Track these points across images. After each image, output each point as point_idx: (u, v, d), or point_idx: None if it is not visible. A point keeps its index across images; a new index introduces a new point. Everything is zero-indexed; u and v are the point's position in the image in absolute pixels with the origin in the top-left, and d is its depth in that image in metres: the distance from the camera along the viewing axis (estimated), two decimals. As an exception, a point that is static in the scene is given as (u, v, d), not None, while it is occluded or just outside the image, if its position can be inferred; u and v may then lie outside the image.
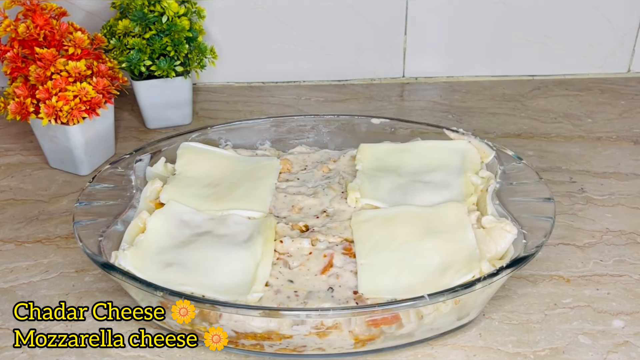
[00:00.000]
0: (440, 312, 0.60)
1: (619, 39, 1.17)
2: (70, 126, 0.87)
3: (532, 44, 1.17)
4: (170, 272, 0.65)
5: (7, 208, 0.87)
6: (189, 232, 0.72)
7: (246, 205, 0.76)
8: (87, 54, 0.89)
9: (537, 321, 0.67)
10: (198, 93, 1.17)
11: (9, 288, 0.73)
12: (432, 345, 0.64)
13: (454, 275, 0.63)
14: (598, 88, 1.16)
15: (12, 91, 0.87)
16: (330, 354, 0.62)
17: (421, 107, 1.11)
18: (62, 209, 0.86)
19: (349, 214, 0.75)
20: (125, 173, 0.78)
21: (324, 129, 0.90)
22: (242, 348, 0.63)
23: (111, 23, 1.00)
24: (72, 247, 0.79)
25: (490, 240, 0.67)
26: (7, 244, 0.80)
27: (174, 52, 0.98)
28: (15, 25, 0.86)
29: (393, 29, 1.16)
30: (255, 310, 0.58)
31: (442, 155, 0.83)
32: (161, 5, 0.97)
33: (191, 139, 0.86)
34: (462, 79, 1.20)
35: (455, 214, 0.72)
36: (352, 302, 0.62)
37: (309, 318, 0.58)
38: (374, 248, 0.68)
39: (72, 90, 0.85)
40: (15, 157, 0.99)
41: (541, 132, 1.02)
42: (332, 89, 1.18)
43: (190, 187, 0.79)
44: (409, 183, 0.79)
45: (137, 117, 1.08)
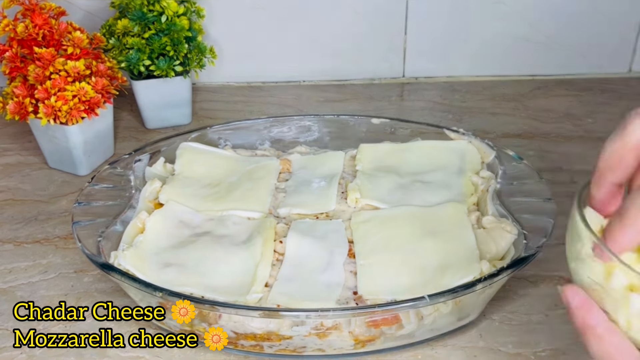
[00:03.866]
0: (440, 312, 0.60)
1: (620, 39, 1.17)
2: (69, 126, 0.87)
3: (532, 44, 1.17)
4: (169, 272, 0.65)
5: (5, 208, 0.86)
6: (188, 232, 0.72)
7: (245, 205, 0.76)
8: (86, 54, 0.89)
9: (537, 322, 0.67)
10: (197, 93, 1.17)
11: (8, 288, 0.72)
12: (432, 346, 0.64)
13: (454, 275, 0.63)
14: (598, 88, 1.16)
15: (10, 91, 0.87)
16: (330, 354, 0.62)
17: (421, 107, 1.11)
18: (61, 209, 0.86)
19: (348, 214, 0.75)
20: (124, 173, 0.78)
21: (324, 129, 0.90)
22: (242, 349, 0.62)
23: (110, 23, 1.00)
24: (71, 247, 0.78)
25: (491, 241, 0.67)
26: (5, 245, 0.79)
27: (173, 52, 0.98)
28: (14, 25, 0.86)
29: (393, 29, 1.16)
30: (254, 311, 0.58)
31: (442, 155, 0.83)
32: (160, 5, 0.97)
33: (190, 139, 0.86)
34: (462, 79, 1.20)
35: (456, 214, 0.72)
36: (352, 303, 0.62)
37: (308, 319, 0.58)
38: (373, 248, 0.68)
39: (71, 90, 0.85)
40: (13, 157, 0.98)
41: (541, 132, 1.02)
42: (332, 89, 1.18)
43: (189, 188, 0.79)
44: (409, 183, 0.79)
45: (136, 117, 1.08)
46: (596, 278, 0.40)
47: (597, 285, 0.40)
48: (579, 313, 0.40)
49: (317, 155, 0.86)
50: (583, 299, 0.41)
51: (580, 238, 0.41)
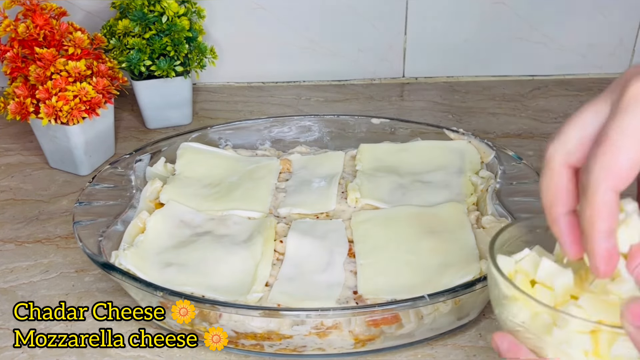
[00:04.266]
0: (440, 312, 0.60)
1: (619, 39, 1.17)
2: (70, 126, 0.87)
3: (532, 44, 1.17)
4: (170, 272, 0.66)
5: (7, 208, 0.87)
6: (189, 232, 0.72)
7: (246, 205, 0.76)
8: (87, 54, 0.89)
9: (537, 321, 0.67)
10: (198, 93, 1.17)
11: (9, 288, 0.72)
12: (432, 345, 0.64)
13: (454, 275, 0.63)
14: (598, 88, 1.16)
15: (12, 91, 0.87)
16: (331, 354, 0.62)
17: (421, 107, 1.11)
18: (62, 209, 0.86)
19: (348, 214, 0.75)
20: (125, 173, 0.78)
21: (324, 129, 0.90)
22: (242, 348, 0.63)
23: (111, 23, 1.00)
24: (72, 247, 0.79)
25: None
26: (7, 244, 0.80)
27: (174, 52, 0.98)
28: (15, 25, 0.86)
29: (393, 29, 1.16)
30: (255, 310, 0.58)
31: (442, 155, 0.83)
32: (161, 5, 0.97)
33: (191, 139, 0.86)
34: (462, 79, 1.20)
35: (455, 214, 0.72)
36: (352, 302, 0.62)
37: (309, 318, 0.58)
38: (373, 248, 0.68)
39: (72, 90, 0.85)
40: (15, 157, 0.99)
41: (541, 132, 1.02)
42: (332, 89, 1.18)
43: (190, 187, 0.79)
44: (409, 183, 0.79)
45: (137, 117, 1.08)
46: (517, 319, 0.41)
47: (520, 326, 0.41)
48: (509, 356, 0.42)
49: (317, 155, 0.86)
50: (510, 342, 0.42)
51: (496, 284, 0.43)
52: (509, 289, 0.41)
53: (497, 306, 0.44)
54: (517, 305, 0.41)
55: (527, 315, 0.41)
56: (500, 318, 0.44)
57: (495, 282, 0.43)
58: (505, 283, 0.42)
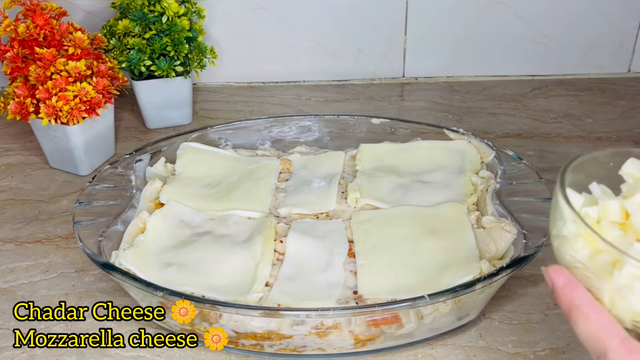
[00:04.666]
0: (440, 312, 0.60)
1: (619, 39, 1.17)
2: (70, 126, 0.87)
3: (532, 44, 1.17)
4: (170, 272, 0.66)
5: (7, 208, 0.87)
6: (189, 232, 0.72)
7: (246, 205, 0.76)
8: (87, 54, 0.89)
9: (537, 321, 0.67)
10: (198, 93, 1.17)
11: (9, 288, 0.73)
12: (432, 345, 0.64)
13: (454, 275, 0.63)
14: (598, 88, 1.16)
15: (12, 91, 0.87)
16: (331, 354, 0.62)
17: (421, 107, 1.11)
18: (62, 209, 0.86)
19: (349, 214, 0.75)
20: (125, 173, 0.78)
21: (324, 129, 0.90)
22: (242, 348, 0.63)
23: (111, 23, 1.00)
24: (72, 247, 0.79)
25: (490, 240, 0.67)
26: (7, 244, 0.80)
27: (174, 52, 0.98)
28: (15, 25, 0.86)
29: (393, 29, 1.16)
30: (255, 310, 0.58)
31: (442, 155, 0.83)
32: (161, 5, 0.97)
33: (191, 139, 0.86)
34: (462, 79, 1.20)
35: (455, 214, 0.72)
36: (352, 302, 0.62)
37: (309, 318, 0.58)
38: (373, 248, 0.68)
39: (72, 90, 0.85)
40: (15, 157, 0.99)
41: (541, 132, 1.02)
42: (332, 89, 1.18)
43: (190, 187, 0.79)
44: (409, 183, 0.79)
45: (137, 117, 1.08)
46: (578, 256, 0.40)
47: (580, 264, 0.40)
48: (564, 292, 0.40)
49: (317, 155, 0.86)
50: (567, 278, 0.40)
51: (562, 216, 0.41)
52: (576, 223, 0.40)
53: (558, 238, 0.42)
54: (580, 241, 0.39)
55: (588, 252, 0.39)
56: (559, 251, 0.42)
57: (561, 215, 0.41)
58: (573, 216, 0.40)
